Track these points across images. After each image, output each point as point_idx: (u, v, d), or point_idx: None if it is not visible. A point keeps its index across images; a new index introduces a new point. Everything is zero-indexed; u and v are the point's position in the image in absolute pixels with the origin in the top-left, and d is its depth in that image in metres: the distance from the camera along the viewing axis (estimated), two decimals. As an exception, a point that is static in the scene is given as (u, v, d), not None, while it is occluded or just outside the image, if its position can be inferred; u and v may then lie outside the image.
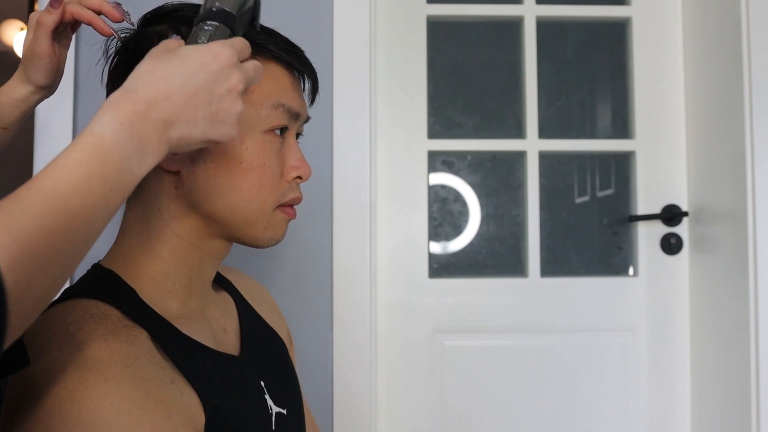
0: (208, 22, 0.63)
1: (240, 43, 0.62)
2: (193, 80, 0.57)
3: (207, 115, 0.58)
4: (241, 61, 0.62)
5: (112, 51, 0.77)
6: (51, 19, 0.75)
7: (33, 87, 0.80)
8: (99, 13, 0.75)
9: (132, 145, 0.53)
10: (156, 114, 0.55)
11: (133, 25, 0.76)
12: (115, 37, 0.76)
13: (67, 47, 0.80)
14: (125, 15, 0.75)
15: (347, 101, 1.37)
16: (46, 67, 0.78)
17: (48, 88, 0.81)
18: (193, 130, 0.58)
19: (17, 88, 0.80)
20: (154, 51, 0.60)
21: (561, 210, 1.59)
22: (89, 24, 0.75)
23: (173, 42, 0.62)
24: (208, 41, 0.62)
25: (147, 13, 0.76)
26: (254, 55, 0.73)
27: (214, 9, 0.65)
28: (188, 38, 0.64)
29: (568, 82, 1.62)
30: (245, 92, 0.68)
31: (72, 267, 0.51)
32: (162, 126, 0.55)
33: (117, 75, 0.75)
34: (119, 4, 0.75)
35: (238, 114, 0.61)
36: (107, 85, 0.77)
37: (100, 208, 0.51)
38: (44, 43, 0.76)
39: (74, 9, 0.75)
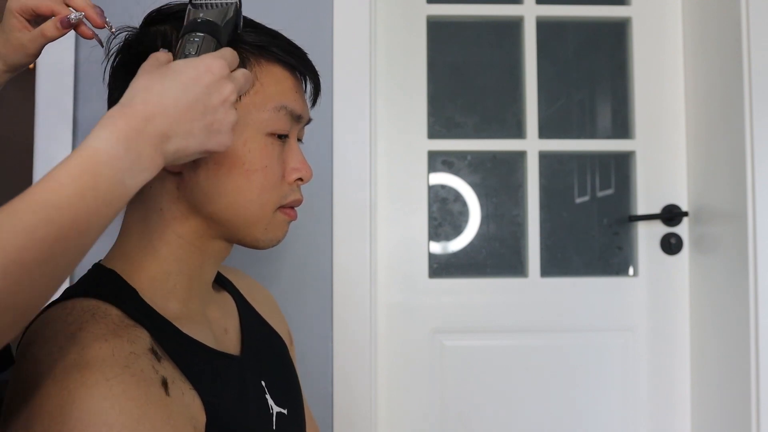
0: (195, 34, 0.65)
1: (229, 54, 0.64)
2: (187, 93, 0.58)
3: (202, 127, 0.59)
4: (231, 71, 0.63)
5: (114, 50, 0.77)
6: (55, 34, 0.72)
7: (6, 67, 0.76)
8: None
9: (127, 160, 0.54)
10: (152, 128, 0.56)
11: (113, 34, 0.75)
12: (110, 36, 0.75)
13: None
14: (107, 24, 0.73)
15: (347, 101, 1.37)
16: (30, 58, 0.75)
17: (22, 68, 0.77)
18: (189, 142, 0.59)
19: None
20: (146, 66, 0.61)
21: (561, 210, 1.59)
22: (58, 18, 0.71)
23: (163, 55, 0.63)
24: (196, 52, 0.64)
25: (151, 12, 0.76)
26: (257, 57, 0.73)
27: (198, 20, 0.66)
28: (176, 50, 0.65)
29: (568, 82, 1.62)
30: (241, 97, 0.69)
31: (63, 276, 0.52)
32: (158, 140, 0.56)
33: (119, 74, 0.75)
34: (103, 12, 0.73)
35: (233, 123, 0.62)
36: (109, 84, 0.77)
37: (93, 220, 0.52)
38: (37, 43, 0.73)
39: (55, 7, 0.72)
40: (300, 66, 0.77)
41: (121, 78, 0.74)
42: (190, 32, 0.65)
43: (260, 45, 0.73)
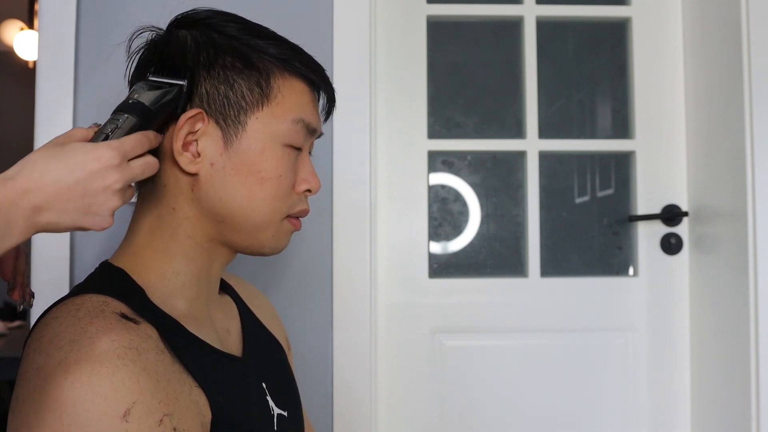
0: (120, 114, 0.67)
1: (130, 144, 0.66)
2: (68, 176, 0.61)
3: (78, 207, 0.62)
4: (134, 157, 0.66)
5: (137, 48, 0.79)
6: None
7: None
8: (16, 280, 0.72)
9: None
10: (27, 202, 0.59)
11: (30, 307, 0.73)
12: (133, 34, 0.78)
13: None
14: (30, 300, 0.73)
15: (347, 101, 1.37)
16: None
17: None
18: (62, 218, 0.61)
19: None
20: (52, 140, 0.64)
21: (561, 210, 1.59)
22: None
23: (79, 132, 0.66)
24: (112, 132, 0.66)
25: (178, 16, 0.78)
26: (281, 69, 0.76)
27: (130, 101, 0.69)
28: (104, 123, 0.67)
29: (568, 82, 1.62)
30: (259, 111, 0.74)
31: None
32: (30, 212, 0.59)
33: (142, 70, 0.77)
34: (32, 294, 0.73)
35: (113, 208, 0.64)
36: (131, 79, 0.80)
37: None
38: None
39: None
40: (319, 81, 0.81)
41: (143, 74, 0.76)
42: (117, 111, 0.68)
43: (283, 58, 0.76)
